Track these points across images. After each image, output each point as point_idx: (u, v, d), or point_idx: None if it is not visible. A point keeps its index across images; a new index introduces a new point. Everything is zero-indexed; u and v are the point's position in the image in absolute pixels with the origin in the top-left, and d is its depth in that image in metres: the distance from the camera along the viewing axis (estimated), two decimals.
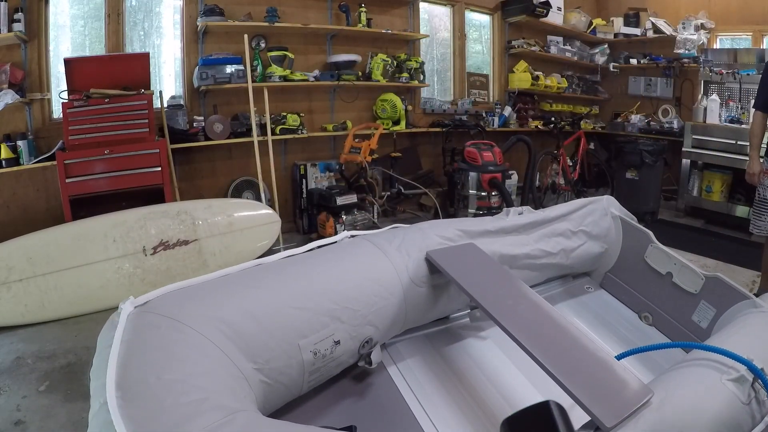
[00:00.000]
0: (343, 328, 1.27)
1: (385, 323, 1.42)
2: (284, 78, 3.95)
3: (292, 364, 1.16)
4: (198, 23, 3.71)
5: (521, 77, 5.55)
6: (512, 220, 1.93)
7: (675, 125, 5.44)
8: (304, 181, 4.13)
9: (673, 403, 1.10)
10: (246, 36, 3.52)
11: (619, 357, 1.32)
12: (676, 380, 1.18)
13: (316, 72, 4.21)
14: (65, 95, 3.00)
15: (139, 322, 1.01)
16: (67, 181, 2.93)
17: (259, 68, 3.89)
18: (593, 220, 2.11)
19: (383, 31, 4.49)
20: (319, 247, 1.51)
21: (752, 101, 4.59)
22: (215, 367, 0.98)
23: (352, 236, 1.61)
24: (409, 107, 4.73)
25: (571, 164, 5.07)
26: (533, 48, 5.63)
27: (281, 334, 1.14)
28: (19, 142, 3.00)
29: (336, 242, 1.57)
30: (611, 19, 6.22)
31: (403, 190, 4.33)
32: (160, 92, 3.51)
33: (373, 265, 1.45)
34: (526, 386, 1.31)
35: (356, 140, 4.02)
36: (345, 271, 1.38)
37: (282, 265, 1.29)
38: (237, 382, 1.01)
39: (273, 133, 3.82)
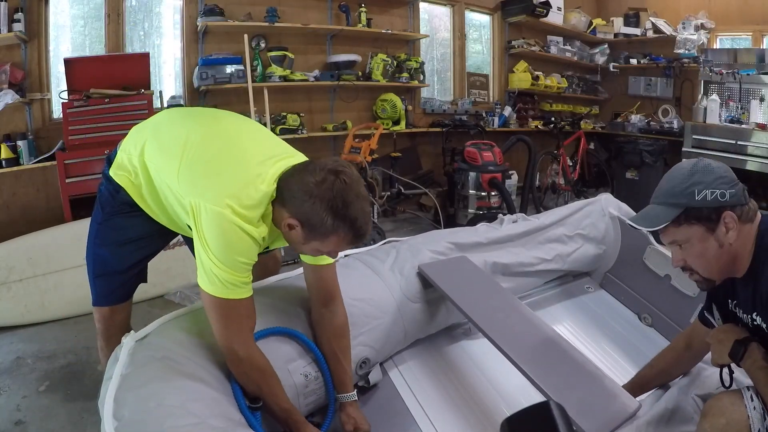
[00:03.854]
0: None
1: (382, 342, 1.44)
2: (284, 78, 3.95)
3: (285, 388, 1.19)
4: (198, 23, 3.71)
5: (521, 77, 5.55)
6: (506, 229, 1.94)
7: (675, 125, 5.44)
8: None
9: (659, 417, 1.11)
10: (246, 36, 3.51)
11: None
12: (666, 396, 1.19)
13: (316, 72, 4.20)
14: (65, 95, 3.00)
15: (140, 357, 1.06)
16: (67, 181, 2.92)
17: (259, 68, 3.89)
18: (590, 222, 2.10)
19: (383, 31, 4.48)
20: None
21: (752, 101, 4.64)
22: (210, 394, 1.02)
23: (346, 255, 1.63)
24: (409, 107, 4.73)
25: (571, 164, 5.07)
26: (533, 48, 5.63)
27: (271, 359, 1.17)
28: (19, 142, 3.00)
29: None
30: (611, 19, 6.21)
31: (403, 190, 4.32)
32: (160, 92, 3.51)
33: (364, 285, 1.48)
34: (526, 389, 1.32)
35: (356, 140, 4.01)
36: None
37: (272, 289, 1.32)
38: (232, 407, 1.05)
39: (273, 133, 3.81)
